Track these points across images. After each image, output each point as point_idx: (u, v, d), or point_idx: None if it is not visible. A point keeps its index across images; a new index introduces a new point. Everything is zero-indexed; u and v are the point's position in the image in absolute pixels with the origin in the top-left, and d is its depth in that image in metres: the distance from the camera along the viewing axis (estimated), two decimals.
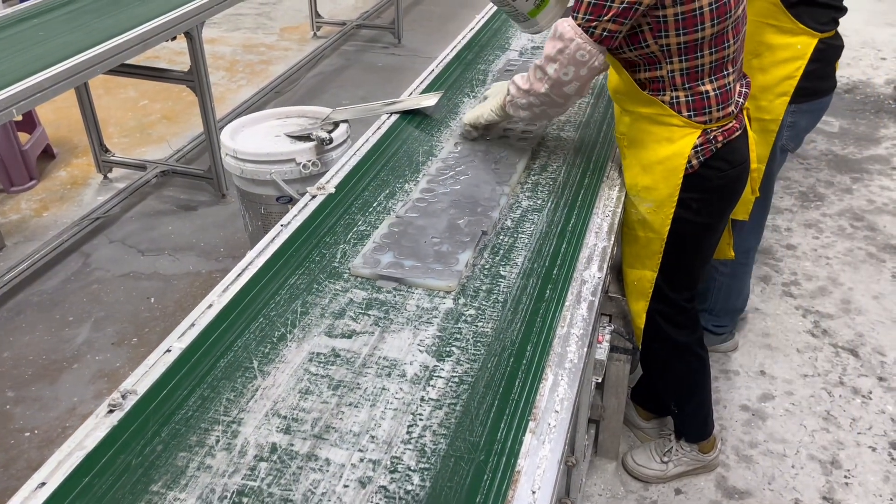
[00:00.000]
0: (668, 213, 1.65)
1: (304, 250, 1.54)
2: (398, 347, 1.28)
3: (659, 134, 1.62)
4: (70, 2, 3.14)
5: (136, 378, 1.19)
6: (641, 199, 1.68)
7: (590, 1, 1.47)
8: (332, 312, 1.36)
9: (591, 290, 1.39)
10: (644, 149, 1.65)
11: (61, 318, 2.73)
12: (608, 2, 1.45)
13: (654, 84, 1.58)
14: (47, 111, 4.18)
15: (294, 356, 1.26)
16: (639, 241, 1.74)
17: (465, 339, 1.30)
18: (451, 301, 1.39)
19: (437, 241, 1.54)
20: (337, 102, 4.48)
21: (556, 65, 1.54)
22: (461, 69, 2.46)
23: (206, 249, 3.12)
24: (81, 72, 2.51)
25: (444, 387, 1.20)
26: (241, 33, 5.67)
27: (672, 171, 1.62)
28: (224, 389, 1.19)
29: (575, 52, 1.51)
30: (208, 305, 1.35)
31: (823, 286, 2.88)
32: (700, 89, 1.56)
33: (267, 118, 2.42)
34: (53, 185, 3.63)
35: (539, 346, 1.27)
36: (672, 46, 1.51)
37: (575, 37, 1.50)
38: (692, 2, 1.45)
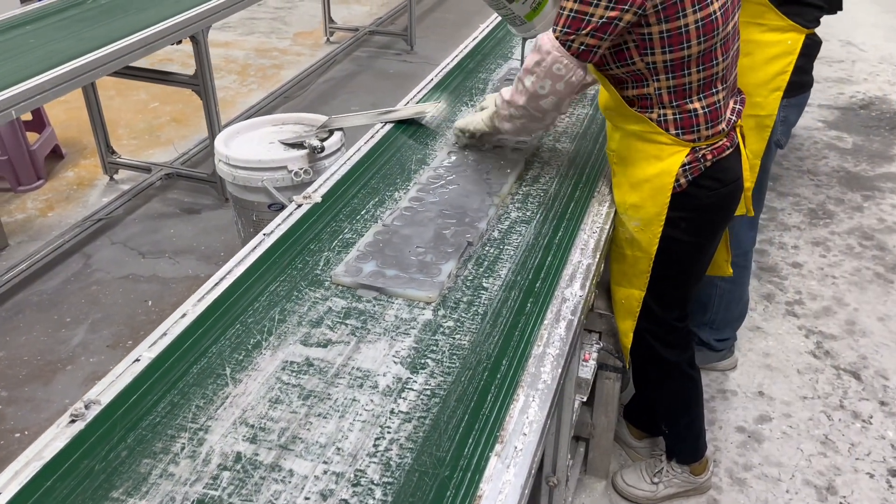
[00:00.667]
0: (655, 231, 1.64)
1: (288, 257, 1.54)
2: (373, 358, 1.28)
3: (647, 151, 1.60)
4: (80, 3, 3.18)
5: (101, 387, 1.19)
6: (629, 216, 1.67)
7: (569, 14, 1.46)
8: (309, 321, 1.36)
9: (571, 308, 1.37)
10: (632, 166, 1.64)
11: (59, 319, 2.75)
12: (587, 16, 1.44)
13: (643, 101, 1.57)
14: (59, 111, 4.24)
15: (267, 364, 1.26)
16: (627, 260, 1.72)
17: (441, 351, 1.29)
18: (431, 312, 1.39)
19: (422, 250, 1.54)
20: (346, 108, 4.50)
21: (533, 77, 1.54)
22: (461, 77, 2.46)
23: (206, 253, 3.14)
24: (84, 74, 2.54)
25: (416, 399, 1.19)
26: (255, 37, 5.72)
27: (660, 189, 1.60)
28: (194, 396, 1.19)
29: (552, 66, 1.50)
30: (182, 314, 1.35)
31: (828, 306, 2.84)
32: (688, 107, 1.54)
33: (263, 124, 2.44)
34: (60, 186, 3.67)
35: (515, 360, 1.26)
36: (658, 64, 1.49)
37: (552, 49, 1.49)
38: (677, 19, 1.43)
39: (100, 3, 3.18)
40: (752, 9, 1.93)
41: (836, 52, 5.18)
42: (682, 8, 1.42)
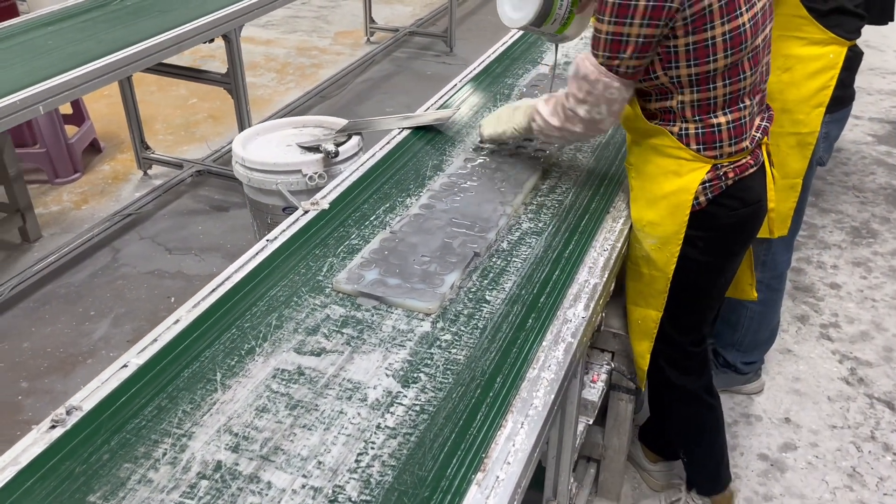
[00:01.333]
0: (673, 251, 1.58)
1: (292, 261, 1.54)
2: (365, 369, 1.26)
3: (666, 166, 1.55)
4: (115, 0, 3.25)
5: (86, 392, 1.19)
6: (646, 234, 1.61)
7: (606, 38, 1.41)
8: (306, 328, 1.35)
9: (571, 330, 1.33)
10: (650, 181, 1.59)
11: (83, 312, 2.81)
12: (624, 37, 1.39)
13: (664, 114, 1.52)
14: (101, 105, 4.35)
15: (259, 371, 1.25)
16: (643, 279, 1.67)
17: (435, 365, 1.27)
18: (430, 324, 1.36)
19: (427, 259, 1.52)
20: (381, 109, 4.51)
21: (586, 106, 1.51)
22: (488, 81, 2.43)
23: (231, 252, 3.17)
24: (115, 70, 2.60)
25: (404, 415, 1.17)
26: (296, 36, 5.78)
27: (678, 206, 1.55)
28: (182, 401, 1.19)
29: (604, 92, 1.47)
30: (175, 321, 1.35)
31: (866, 331, 2.72)
32: (712, 122, 1.49)
33: (283, 126, 2.45)
34: (96, 179, 3.76)
35: (509, 380, 1.23)
36: (683, 78, 1.45)
37: (600, 76, 1.45)
38: (704, 31, 1.38)
39: (129, 3, 3.24)
40: (790, 21, 1.86)
41: (892, 62, 4.99)
42: (710, 20, 1.37)
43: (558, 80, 2.20)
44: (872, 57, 3.99)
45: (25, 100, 2.30)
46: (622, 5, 1.36)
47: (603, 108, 1.50)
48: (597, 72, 1.45)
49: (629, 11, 1.36)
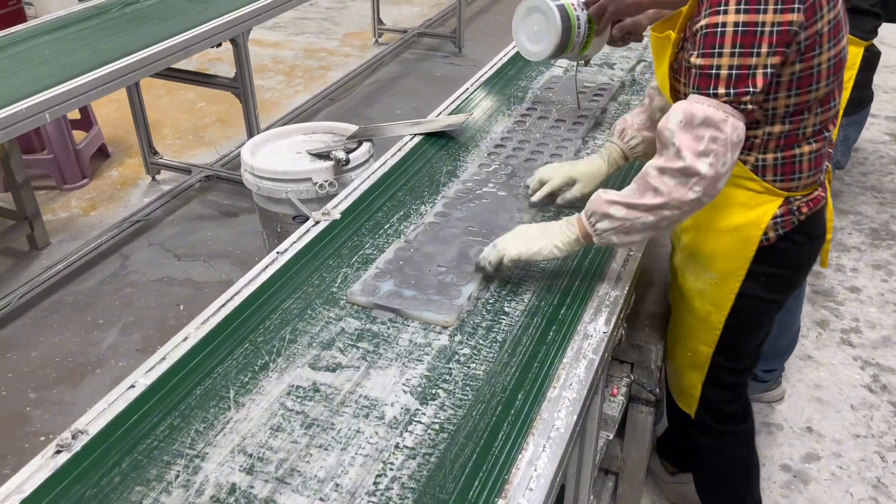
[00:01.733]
0: (733, 287, 1.48)
1: (305, 272, 1.51)
2: (382, 386, 1.23)
3: (733, 198, 1.42)
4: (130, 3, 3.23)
5: (92, 415, 1.17)
6: (703, 267, 1.50)
7: (730, 74, 1.22)
8: (320, 342, 1.32)
9: (593, 347, 1.29)
10: (713, 211, 1.43)
11: (92, 321, 2.79)
12: (752, 69, 1.21)
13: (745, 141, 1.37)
14: (109, 110, 4.33)
15: (273, 388, 1.23)
16: (695, 313, 1.56)
17: (454, 381, 1.24)
18: (447, 337, 1.33)
19: (443, 270, 1.49)
20: (390, 112, 4.48)
21: (710, 158, 1.22)
22: (501, 84, 2.40)
23: (241, 258, 3.15)
24: (122, 76, 2.58)
25: (423, 434, 1.13)
26: (304, 37, 5.76)
27: (745, 241, 1.43)
28: (195, 419, 1.16)
29: (732, 134, 1.22)
30: (184, 338, 1.32)
31: (888, 336, 2.67)
32: (794, 152, 1.37)
33: (292, 133, 2.42)
34: (104, 185, 3.75)
35: (531, 395, 1.20)
36: (779, 110, 1.33)
37: (728, 116, 1.22)
38: (812, 59, 1.26)
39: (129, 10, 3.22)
40: None
41: None
42: (820, 44, 1.25)
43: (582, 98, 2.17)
44: (888, 54, 3.93)
45: (32, 107, 2.28)
46: (748, 32, 1.20)
47: (729, 157, 1.23)
48: (721, 112, 1.22)
49: (756, 39, 1.20)
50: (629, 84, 2.33)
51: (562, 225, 1.40)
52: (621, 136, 1.68)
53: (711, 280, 1.50)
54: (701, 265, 1.51)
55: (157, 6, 3.24)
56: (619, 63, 2.49)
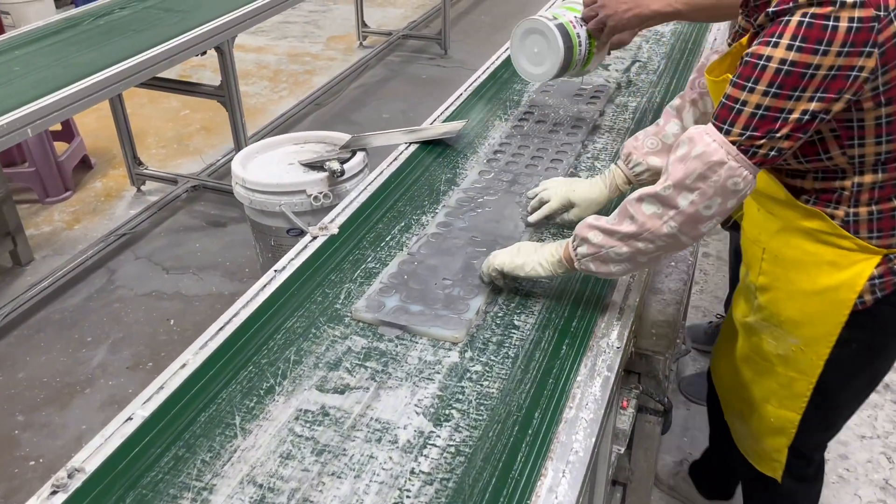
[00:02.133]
0: (821, 353, 1.36)
1: (307, 288, 1.47)
2: (393, 407, 1.19)
3: (821, 256, 1.29)
4: (103, 15, 3.17)
5: (89, 451, 1.12)
6: (785, 332, 1.38)
7: (754, 112, 1.10)
8: (327, 363, 1.28)
9: (607, 363, 1.26)
10: (798, 272, 1.32)
11: (79, 338, 2.73)
12: (783, 113, 1.08)
13: (827, 195, 1.27)
14: (90, 120, 4.26)
15: (280, 413, 1.19)
16: (778, 378, 1.45)
17: (467, 400, 1.20)
18: (457, 354, 1.30)
19: (449, 283, 1.45)
20: (377, 116, 4.44)
21: (693, 195, 1.12)
22: (496, 88, 2.37)
23: (230, 269, 3.10)
24: (106, 88, 2.52)
25: (439, 458, 1.10)
26: (287, 42, 5.71)
27: (836, 305, 1.30)
28: (201, 449, 1.12)
29: (726, 180, 1.11)
30: (182, 365, 1.27)
31: None
32: (891, 205, 1.24)
33: (283, 143, 2.38)
34: (88, 197, 3.68)
35: (548, 414, 1.16)
36: (868, 157, 1.20)
37: (727, 159, 1.10)
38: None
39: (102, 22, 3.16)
40: None
41: None
42: None
43: None
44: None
45: (13, 122, 2.22)
46: (794, 73, 1.06)
47: (716, 201, 1.12)
48: (724, 152, 1.11)
49: (802, 82, 1.06)
50: (625, 85, 2.31)
51: (553, 246, 1.34)
52: (626, 161, 1.54)
53: (795, 345, 1.38)
54: (783, 330, 1.38)
55: (132, 17, 3.16)
56: (614, 64, 2.47)
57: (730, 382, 1.64)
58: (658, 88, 2.28)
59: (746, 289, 1.51)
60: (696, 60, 2.47)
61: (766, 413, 1.51)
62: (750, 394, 1.54)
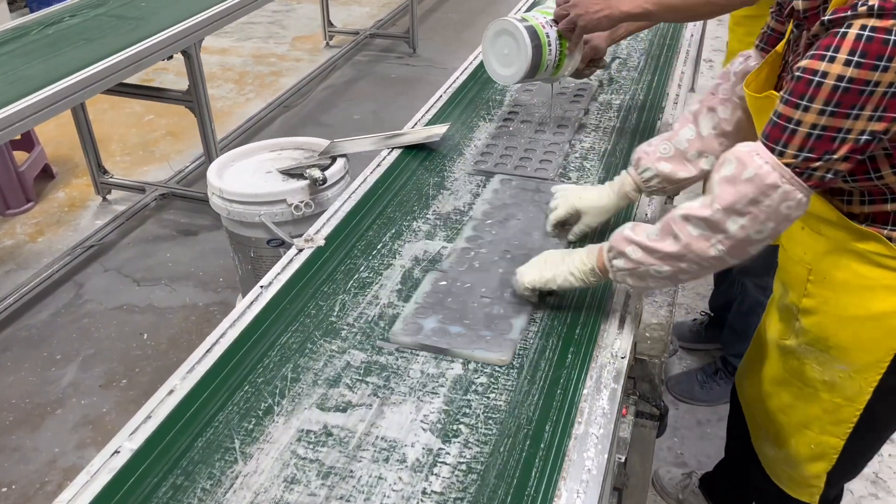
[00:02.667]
0: (871, 380, 1.31)
1: (300, 301, 1.42)
2: (399, 424, 1.16)
3: (874, 279, 1.24)
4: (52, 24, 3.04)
5: (74, 489, 1.05)
6: (831, 357, 1.34)
7: (810, 132, 1.04)
8: (326, 379, 1.24)
9: (613, 374, 1.23)
10: (847, 295, 1.28)
11: (48, 356, 2.64)
12: (841, 133, 1.03)
13: (878, 217, 1.22)
14: (50, 127, 4.12)
15: (281, 434, 1.14)
16: (822, 404, 1.40)
17: (474, 413, 1.17)
18: (461, 366, 1.27)
19: (488, 301, 1.38)
20: (348, 117, 4.39)
21: (744, 220, 1.07)
22: (477, 88, 2.34)
23: (204, 279, 3.03)
24: (69, 96, 2.43)
25: (450, 476, 1.07)
26: (252, 43, 5.62)
27: (889, 332, 1.25)
28: (200, 476, 1.07)
29: (780, 204, 1.06)
30: (169, 391, 1.21)
31: None
32: None
33: (259, 150, 2.32)
34: (51, 208, 3.56)
35: (559, 426, 1.14)
36: None
37: (781, 183, 1.06)
38: None
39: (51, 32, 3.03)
40: None
41: None
42: None
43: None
44: None
45: None
46: (852, 90, 1.01)
47: (769, 226, 1.08)
48: (777, 175, 1.06)
49: (861, 99, 1.01)
50: (607, 83, 2.30)
51: (583, 253, 1.30)
52: (636, 167, 1.49)
53: (842, 372, 1.33)
54: (829, 356, 1.34)
55: (82, 26, 3.00)
56: None
57: (762, 406, 1.59)
58: (640, 86, 2.27)
59: (786, 310, 1.45)
60: (675, 56, 2.48)
61: (806, 439, 1.47)
62: (788, 419, 1.49)
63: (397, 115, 4.30)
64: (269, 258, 2.16)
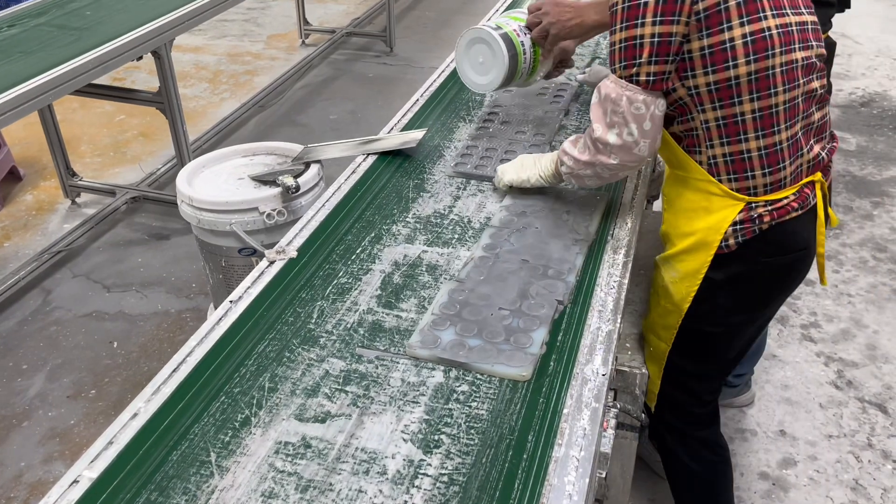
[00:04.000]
0: (690, 288, 1.50)
1: (277, 308, 1.41)
2: (379, 435, 1.15)
3: (696, 202, 1.46)
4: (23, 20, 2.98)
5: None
6: (669, 265, 1.55)
7: (620, 47, 1.35)
8: (304, 389, 1.23)
9: (594, 392, 1.22)
10: (680, 216, 1.51)
11: (14, 367, 2.59)
12: (638, 40, 1.33)
13: (689, 139, 1.44)
14: (17, 127, 4.04)
15: (258, 447, 1.13)
16: (658, 309, 1.60)
17: (456, 423, 1.17)
18: (442, 374, 1.26)
19: (507, 313, 1.37)
20: (324, 117, 4.37)
21: (615, 129, 1.39)
22: (455, 90, 2.34)
23: (176, 285, 2.99)
24: (36, 98, 2.40)
25: (431, 488, 1.07)
26: (226, 41, 5.57)
27: (704, 245, 1.46)
28: (175, 492, 1.06)
29: (629, 107, 1.36)
30: (133, 414, 1.18)
31: (846, 328, 2.76)
32: (741, 147, 1.38)
33: (231, 156, 2.29)
34: (18, 211, 3.50)
35: (542, 435, 1.14)
36: (701, 88, 1.36)
37: (622, 91, 1.36)
38: (720, 33, 1.31)
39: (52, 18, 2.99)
40: None
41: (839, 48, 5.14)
42: (726, 18, 1.30)
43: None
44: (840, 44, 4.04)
45: None
46: (632, 6, 1.32)
47: (633, 127, 1.37)
48: (617, 87, 1.37)
49: (640, 11, 1.31)
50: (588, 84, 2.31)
51: (549, 158, 1.63)
52: None
53: (673, 278, 1.54)
54: (668, 264, 1.56)
55: (19, 37, 2.84)
56: (577, 61, 2.47)
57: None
58: None
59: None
60: None
61: (647, 341, 1.67)
62: (646, 324, 1.70)
63: (375, 114, 4.29)
64: (240, 267, 2.14)
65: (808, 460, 2.25)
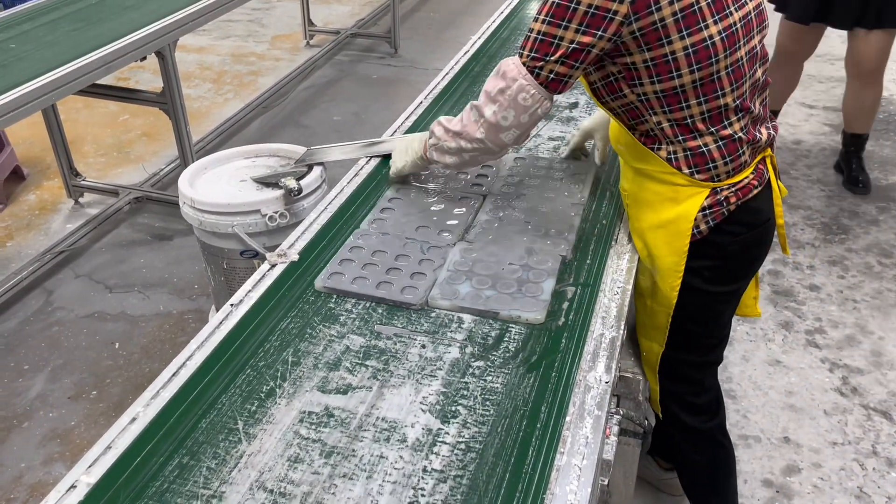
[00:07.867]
0: (673, 283, 1.56)
1: (300, 286, 1.51)
2: (398, 406, 1.25)
3: (662, 193, 1.52)
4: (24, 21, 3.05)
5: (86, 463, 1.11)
6: (648, 266, 1.60)
7: (536, 38, 1.38)
8: (326, 363, 1.33)
9: (597, 400, 1.27)
10: (647, 209, 1.55)
11: (16, 367, 2.65)
12: (555, 40, 1.37)
13: (648, 138, 1.50)
14: (20, 127, 4.13)
15: (283, 416, 1.22)
16: (646, 310, 1.66)
17: (472, 396, 1.26)
18: (458, 350, 1.36)
19: (516, 267, 1.55)
20: (328, 118, 4.47)
21: (494, 106, 1.45)
22: (467, 82, 2.44)
23: (179, 286, 3.07)
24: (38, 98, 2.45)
25: (450, 454, 1.16)
26: (231, 41, 5.68)
27: (677, 235, 1.51)
28: (205, 456, 1.15)
29: (517, 95, 1.42)
30: (131, 419, 1.22)
31: (851, 335, 2.82)
32: (697, 143, 1.44)
33: (233, 157, 2.35)
34: (21, 211, 3.59)
35: (555, 405, 1.23)
36: (650, 95, 1.41)
37: (518, 77, 1.41)
38: (661, 47, 1.35)
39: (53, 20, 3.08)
40: None
41: (838, 48, 5.20)
42: (665, 34, 1.33)
43: None
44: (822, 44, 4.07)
45: None
46: (561, 6, 1.35)
47: (510, 113, 1.44)
48: (516, 70, 1.41)
49: (567, 14, 1.34)
50: None
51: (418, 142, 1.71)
52: None
53: (656, 276, 1.59)
54: (646, 265, 1.60)
55: (23, 37, 2.88)
56: None
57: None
58: None
59: None
60: None
61: (642, 347, 1.72)
62: (637, 330, 1.73)
63: (378, 116, 4.40)
64: (242, 269, 2.20)
65: (812, 468, 2.29)
